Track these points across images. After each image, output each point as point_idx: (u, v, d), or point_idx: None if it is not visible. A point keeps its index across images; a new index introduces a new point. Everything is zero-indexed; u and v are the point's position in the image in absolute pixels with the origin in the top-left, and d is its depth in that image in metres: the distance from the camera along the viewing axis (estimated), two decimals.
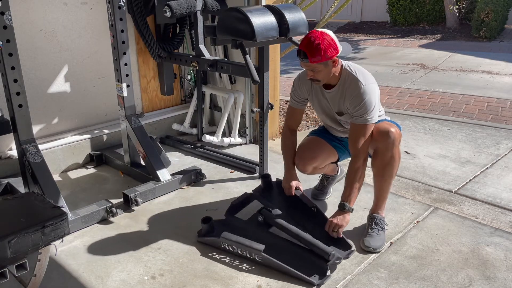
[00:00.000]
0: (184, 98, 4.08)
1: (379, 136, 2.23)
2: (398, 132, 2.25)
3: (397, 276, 2.07)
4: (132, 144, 3.05)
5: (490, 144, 3.72)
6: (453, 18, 10.96)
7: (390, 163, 2.25)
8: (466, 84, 5.98)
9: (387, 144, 2.21)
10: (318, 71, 2.15)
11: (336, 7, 4.14)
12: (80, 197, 2.87)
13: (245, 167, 3.24)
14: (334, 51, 2.10)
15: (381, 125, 2.25)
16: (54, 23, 3.08)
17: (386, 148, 2.22)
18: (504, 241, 2.34)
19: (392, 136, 2.19)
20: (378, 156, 2.26)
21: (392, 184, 2.38)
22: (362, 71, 2.25)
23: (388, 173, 2.27)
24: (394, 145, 2.21)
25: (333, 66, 2.15)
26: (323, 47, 2.06)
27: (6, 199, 1.84)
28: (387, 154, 2.23)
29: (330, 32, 2.14)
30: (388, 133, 2.20)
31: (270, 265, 2.12)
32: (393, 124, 2.30)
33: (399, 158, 2.27)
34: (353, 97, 2.18)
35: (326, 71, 2.16)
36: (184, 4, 2.90)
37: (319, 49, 2.06)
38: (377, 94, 2.23)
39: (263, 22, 2.46)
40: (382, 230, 2.33)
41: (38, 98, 3.10)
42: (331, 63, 2.14)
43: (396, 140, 2.21)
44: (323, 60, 2.09)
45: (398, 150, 2.25)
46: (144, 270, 2.13)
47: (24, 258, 1.59)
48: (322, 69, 2.14)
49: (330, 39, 2.09)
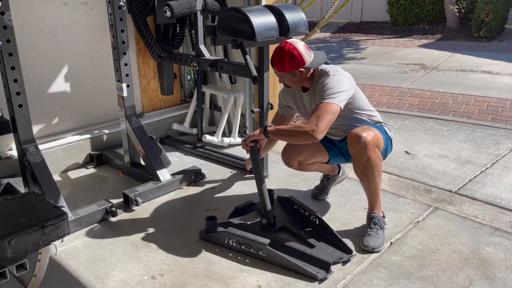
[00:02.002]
0: (184, 98, 4.09)
1: (351, 142, 2.26)
2: (372, 135, 2.23)
3: (397, 276, 2.07)
4: (132, 144, 3.05)
5: (490, 144, 3.72)
6: (453, 18, 10.96)
7: (368, 166, 2.24)
8: (466, 84, 5.98)
9: (359, 149, 2.22)
10: (286, 79, 2.32)
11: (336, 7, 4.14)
12: (80, 197, 2.87)
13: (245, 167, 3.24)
14: (299, 63, 2.23)
15: (354, 130, 2.26)
16: (54, 23, 3.08)
17: (359, 153, 2.23)
18: (504, 241, 2.34)
19: (363, 140, 2.19)
20: (355, 161, 2.29)
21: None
22: (337, 68, 2.32)
23: (370, 175, 2.27)
24: (367, 149, 2.20)
25: (300, 75, 2.28)
26: (287, 60, 2.22)
27: (6, 199, 1.84)
28: (362, 159, 2.24)
29: (301, 44, 2.26)
30: (359, 138, 2.20)
31: (273, 260, 2.13)
32: (368, 128, 2.28)
33: (379, 159, 2.26)
34: (321, 86, 2.25)
35: (294, 79, 2.31)
36: (184, 4, 2.90)
37: (284, 62, 2.23)
38: (345, 84, 2.23)
39: (263, 22, 2.46)
40: (381, 230, 2.33)
41: (38, 98, 3.11)
42: (298, 72, 2.27)
43: (368, 144, 2.19)
44: (287, 70, 2.26)
45: (374, 153, 2.23)
46: (144, 270, 2.13)
47: (24, 258, 1.58)
48: (290, 77, 2.30)
49: (296, 53, 2.21)
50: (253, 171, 2.38)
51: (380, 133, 2.31)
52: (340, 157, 2.56)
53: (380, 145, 2.30)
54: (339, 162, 2.66)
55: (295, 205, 2.56)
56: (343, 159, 2.57)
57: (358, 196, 2.82)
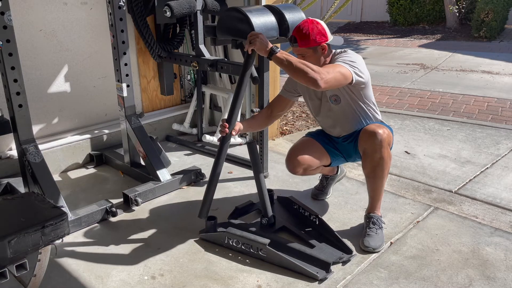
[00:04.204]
0: (184, 98, 4.08)
1: (366, 138, 2.24)
2: (387, 133, 2.24)
3: (397, 276, 2.07)
4: (132, 144, 3.05)
5: (490, 144, 3.72)
6: (453, 18, 10.95)
7: (380, 164, 2.24)
8: (466, 84, 5.98)
9: (375, 146, 2.21)
10: (307, 56, 2.22)
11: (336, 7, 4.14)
12: (80, 197, 2.87)
13: (245, 167, 3.24)
14: (323, 37, 2.20)
15: (369, 126, 2.26)
16: (54, 23, 3.08)
17: (373, 149, 2.22)
18: (504, 241, 2.34)
19: (379, 137, 2.19)
20: (367, 157, 2.27)
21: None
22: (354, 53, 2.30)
23: (379, 174, 2.27)
24: (382, 146, 2.20)
25: (322, 53, 2.23)
26: (312, 33, 2.18)
27: (6, 199, 1.84)
28: (375, 156, 2.23)
29: (322, 22, 2.25)
30: (375, 134, 2.20)
31: (273, 260, 2.13)
32: (381, 125, 2.29)
33: (389, 158, 2.26)
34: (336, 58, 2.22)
35: (315, 57, 2.23)
36: (184, 4, 2.90)
37: (308, 34, 2.18)
38: (360, 60, 2.23)
39: (263, 22, 2.46)
40: (380, 229, 2.33)
41: (38, 98, 3.10)
42: (320, 49, 2.22)
43: (384, 141, 2.20)
44: (311, 45, 2.19)
45: (387, 151, 2.24)
46: (144, 270, 2.13)
47: (24, 258, 1.58)
48: (311, 55, 2.22)
49: (320, 27, 2.21)
50: (252, 171, 2.38)
51: (390, 132, 2.32)
52: (340, 158, 2.56)
53: (391, 144, 2.31)
54: (340, 163, 2.66)
55: (295, 205, 2.56)
56: (343, 160, 2.57)
57: (358, 196, 2.82)
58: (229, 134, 2.25)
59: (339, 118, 2.41)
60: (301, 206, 2.52)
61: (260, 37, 2.08)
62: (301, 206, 2.52)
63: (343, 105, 2.33)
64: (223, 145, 2.25)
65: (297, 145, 2.56)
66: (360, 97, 2.31)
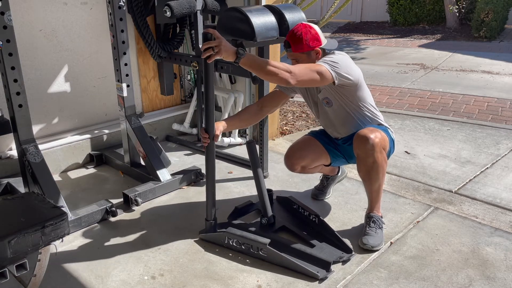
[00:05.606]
0: (184, 98, 4.09)
1: (358, 143, 2.23)
2: (380, 137, 2.21)
3: (397, 276, 2.07)
4: (132, 144, 3.05)
5: (490, 144, 3.72)
6: (453, 18, 10.96)
7: (374, 168, 2.23)
8: (466, 84, 5.98)
9: (366, 151, 2.20)
10: (301, 61, 2.21)
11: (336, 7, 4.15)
12: (80, 197, 2.87)
13: (245, 167, 3.24)
14: (316, 42, 2.20)
15: (361, 131, 2.24)
16: (54, 23, 3.08)
17: (365, 154, 2.21)
18: (504, 241, 2.34)
19: (371, 142, 2.18)
20: (361, 162, 2.26)
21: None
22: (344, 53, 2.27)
23: (373, 177, 2.26)
24: (375, 151, 2.19)
25: (316, 57, 2.22)
26: (305, 38, 2.18)
27: (6, 199, 1.84)
28: (368, 160, 2.22)
29: (315, 26, 2.25)
30: (367, 139, 2.18)
31: (274, 260, 2.13)
32: (375, 129, 2.26)
33: (384, 162, 2.25)
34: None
35: (309, 62, 2.20)
36: (184, 4, 2.90)
37: (301, 39, 2.18)
38: (345, 61, 2.18)
39: (263, 22, 2.46)
40: (380, 229, 2.33)
41: (38, 98, 3.11)
42: (314, 54, 2.22)
43: (376, 146, 2.18)
44: (305, 50, 2.19)
45: (381, 155, 2.21)
46: (144, 270, 2.13)
47: (24, 258, 1.58)
48: (305, 59, 2.21)
49: (314, 32, 2.20)
50: (252, 171, 2.38)
51: (386, 135, 2.30)
52: (341, 159, 2.55)
53: (386, 147, 2.28)
54: (341, 164, 2.66)
55: (295, 204, 2.56)
56: (344, 161, 2.57)
57: (358, 196, 2.82)
58: (211, 141, 2.23)
59: (334, 121, 2.41)
60: (300, 206, 2.52)
61: (222, 43, 1.87)
62: (301, 206, 2.52)
63: (336, 108, 2.33)
64: (208, 153, 2.24)
65: (297, 142, 2.56)
66: (353, 99, 2.29)
